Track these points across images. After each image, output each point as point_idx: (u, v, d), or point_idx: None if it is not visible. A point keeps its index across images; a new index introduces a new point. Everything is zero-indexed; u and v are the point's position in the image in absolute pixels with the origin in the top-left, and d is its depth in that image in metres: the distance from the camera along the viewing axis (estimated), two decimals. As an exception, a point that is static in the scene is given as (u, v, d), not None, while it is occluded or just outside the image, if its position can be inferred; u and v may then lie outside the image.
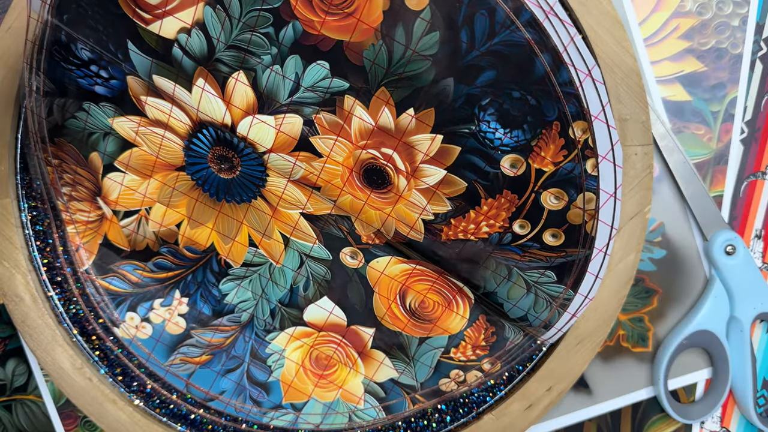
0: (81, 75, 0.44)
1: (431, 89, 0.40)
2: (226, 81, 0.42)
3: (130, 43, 0.42)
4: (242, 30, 0.41)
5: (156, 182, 0.47)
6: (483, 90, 0.40)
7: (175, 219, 0.48)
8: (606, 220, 0.41)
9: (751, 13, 0.51)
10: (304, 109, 0.43)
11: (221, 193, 0.47)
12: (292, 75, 0.42)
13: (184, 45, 0.42)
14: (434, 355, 0.48)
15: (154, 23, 0.41)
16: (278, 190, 0.46)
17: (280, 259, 0.48)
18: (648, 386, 0.53)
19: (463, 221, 0.44)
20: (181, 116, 0.44)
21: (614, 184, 0.40)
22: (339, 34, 0.40)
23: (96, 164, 0.47)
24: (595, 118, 0.39)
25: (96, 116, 0.45)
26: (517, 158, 0.42)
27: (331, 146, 0.43)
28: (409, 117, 0.41)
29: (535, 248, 0.44)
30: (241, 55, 0.41)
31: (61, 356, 0.51)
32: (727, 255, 0.51)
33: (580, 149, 0.40)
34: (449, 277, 0.46)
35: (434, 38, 0.39)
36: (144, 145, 0.46)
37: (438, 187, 0.43)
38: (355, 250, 0.47)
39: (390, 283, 0.47)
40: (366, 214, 0.45)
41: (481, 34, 0.39)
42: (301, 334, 0.50)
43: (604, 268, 0.43)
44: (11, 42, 0.48)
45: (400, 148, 0.42)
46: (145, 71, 0.43)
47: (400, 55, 0.40)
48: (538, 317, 0.45)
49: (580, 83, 0.38)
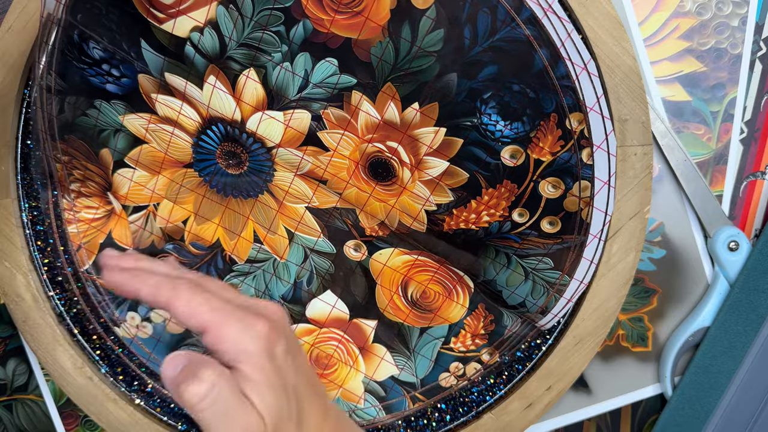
0: (93, 73, 0.47)
1: (435, 84, 0.44)
2: (236, 78, 0.46)
3: (143, 41, 0.45)
4: (254, 28, 0.44)
5: (164, 179, 0.50)
6: (485, 84, 0.44)
7: (182, 215, 0.51)
8: (601, 207, 0.46)
9: (750, 14, 0.52)
10: (313, 105, 0.46)
11: (228, 189, 0.50)
12: (301, 72, 0.45)
13: (197, 43, 0.45)
14: (434, 345, 0.51)
15: (168, 22, 0.45)
16: (285, 184, 0.49)
17: (285, 254, 0.51)
18: (647, 386, 0.55)
19: (465, 211, 0.48)
20: (191, 113, 0.47)
21: (608, 172, 0.45)
22: (348, 31, 0.44)
23: (107, 160, 0.50)
24: (590, 110, 0.43)
25: (107, 114, 0.48)
26: (516, 149, 0.46)
27: (338, 140, 0.47)
28: (414, 111, 0.45)
29: (533, 236, 0.48)
30: (252, 52, 0.45)
31: (62, 356, 0.52)
32: (731, 251, 0.52)
33: (576, 139, 0.44)
34: (450, 266, 0.50)
35: (439, 35, 0.43)
36: (153, 141, 0.49)
37: (441, 178, 0.47)
38: (359, 243, 0.50)
39: (392, 275, 0.51)
40: (371, 206, 0.49)
41: (484, 30, 0.43)
42: (303, 332, 0.52)
43: (599, 253, 0.47)
44: (12, 42, 0.50)
45: (404, 141, 0.46)
46: (157, 69, 0.46)
47: (406, 51, 0.44)
48: (536, 303, 0.49)
49: (577, 77, 0.42)
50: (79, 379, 0.53)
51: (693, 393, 0.52)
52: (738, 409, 0.52)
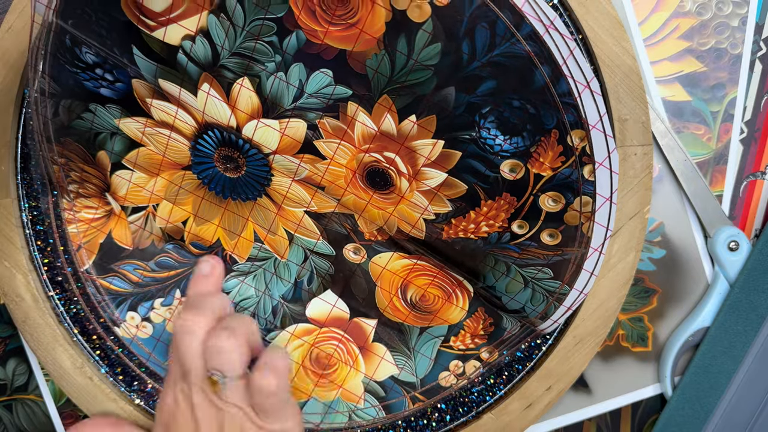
0: (86, 78, 0.47)
1: (433, 97, 0.44)
2: (231, 86, 0.45)
3: (135, 48, 0.45)
4: (246, 38, 0.44)
5: (163, 180, 0.50)
6: (483, 99, 0.43)
7: (181, 216, 0.51)
8: (602, 222, 0.45)
9: (750, 14, 0.52)
10: (308, 114, 0.46)
11: (227, 192, 0.50)
12: (296, 82, 0.45)
13: (189, 51, 0.44)
14: (434, 344, 0.52)
15: (158, 30, 0.44)
16: (283, 189, 0.49)
17: (285, 254, 0.52)
18: (647, 386, 0.55)
19: (464, 221, 0.48)
20: (187, 118, 0.47)
21: (610, 189, 0.44)
22: (342, 43, 0.43)
23: (104, 162, 0.50)
24: (592, 128, 0.43)
25: (102, 117, 0.48)
26: (516, 163, 0.45)
27: (335, 149, 0.47)
28: (411, 123, 0.45)
29: (533, 247, 0.48)
30: (245, 62, 0.44)
31: (62, 356, 0.53)
32: (731, 251, 0.52)
33: (577, 156, 0.44)
34: (449, 271, 0.50)
35: (436, 49, 0.42)
36: (151, 145, 0.49)
37: (439, 189, 0.47)
38: (358, 246, 0.51)
39: (392, 278, 0.51)
40: (369, 212, 0.49)
41: (482, 45, 0.42)
42: (303, 332, 0.53)
43: (599, 266, 0.47)
44: (12, 42, 0.50)
45: (402, 152, 0.46)
46: (151, 75, 0.46)
47: (402, 64, 0.43)
48: (535, 309, 0.49)
49: (579, 94, 0.42)
50: (78, 379, 0.54)
51: (693, 393, 0.53)
52: (738, 409, 0.53)
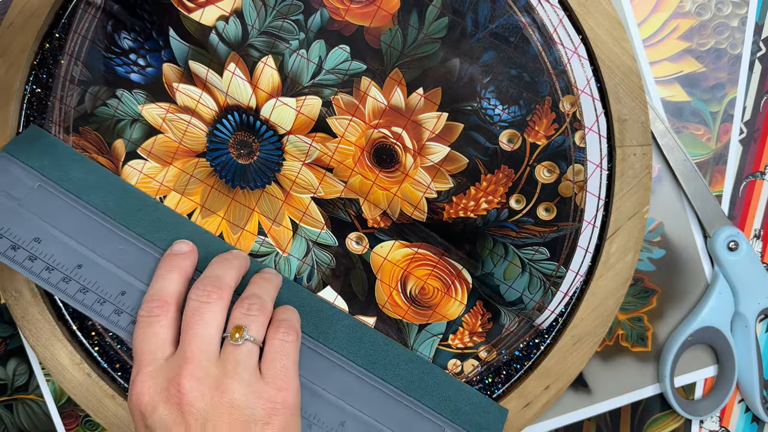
0: (120, 63, 0.53)
1: (439, 69, 0.51)
2: (255, 65, 0.52)
3: (171, 29, 0.52)
4: (275, 17, 0.51)
5: (174, 170, 0.55)
6: (484, 69, 0.51)
7: (188, 208, 0.55)
8: (594, 192, 0.51)
9: (750, 14, 0.54)
10: (324, 91, 0.52)
11: (237, 179, 0.55)
12: (315, 58, 0.52)
13: (221, 32, 0.52)
14: (433, 342, 0.54)
15: (196, 11, 0.52)
16: (293, 174, 0.54)
17: (288, 248, 0.55)
18: (647, 386, 0.57)
19: (464, 198, 0.53)
20: (209, 102, 0.53)
21: (600, 154, 0.50)
22: (361, 20, 0.51)
23: (119, 152, 0.55)
24: (581, 92, 0.50)
25: (127, 103, 0.54)
26: (514, 133, 0.51)
27: (346, 126, 0.53)
28: (419, 96, 0.51)
29: (529, 223, 0.52)
30: (271, 40, 0.52)
31: (61, 352, 0.54)
32: (730, 251, 0.54)
33: (569, 122, 0.50)
34: (449, 260, 0.54)
35: (443, 23, 0.50)
36: (169, 131, 0.54)
37: (442, 164, 0.52)
38: (361, 235, 0.55)
39: (392, 269, 0.55)
40: (374, 194, 0.54)
41: (484, 18, 0.50)
42: (302, 333, 0.55)
43: (593, 241, 0.52)
44: (12, 39, 0.53)
45: (408, 127, 0.52)
46: (182, 57, 0.52)
47: (413, 38, 0.51)
48: (533, 298, 0.53)
49: (568, 60, 0.49)
50: (77, 375, 0.54)
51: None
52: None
